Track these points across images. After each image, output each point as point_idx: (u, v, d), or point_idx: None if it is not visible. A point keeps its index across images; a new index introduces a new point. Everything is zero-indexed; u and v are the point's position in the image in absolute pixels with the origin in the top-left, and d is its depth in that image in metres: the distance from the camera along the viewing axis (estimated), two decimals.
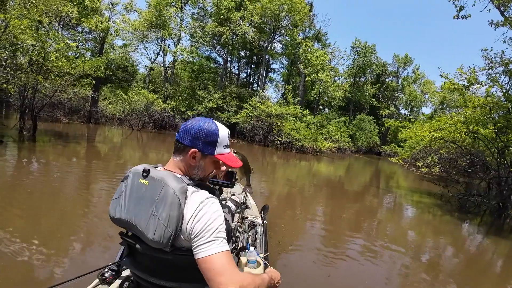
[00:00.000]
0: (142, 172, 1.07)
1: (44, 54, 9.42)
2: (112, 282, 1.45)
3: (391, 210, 8.07)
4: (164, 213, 0.98)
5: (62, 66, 9.70)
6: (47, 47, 9.35)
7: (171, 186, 1.00)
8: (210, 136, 1.12)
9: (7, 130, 10.86)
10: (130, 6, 22.71)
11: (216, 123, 1.16)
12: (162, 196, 1.00)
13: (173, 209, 0.98)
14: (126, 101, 20.01)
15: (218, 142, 1.14)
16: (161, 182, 1.02)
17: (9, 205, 4.17)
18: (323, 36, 32.38)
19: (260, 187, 7.83)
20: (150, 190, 1.04)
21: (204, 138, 1.11)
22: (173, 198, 0.99)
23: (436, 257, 4.56)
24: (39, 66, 9.93)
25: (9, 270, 2.61)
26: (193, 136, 1.11)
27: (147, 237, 1.00)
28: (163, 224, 0.97)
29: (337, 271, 3.56)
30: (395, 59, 38.19)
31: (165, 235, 0.97)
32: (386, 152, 33.74)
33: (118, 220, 1.10)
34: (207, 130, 1.12)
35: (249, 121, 23.01)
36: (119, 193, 1.12)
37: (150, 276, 1.14)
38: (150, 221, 1.00)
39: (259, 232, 2.68)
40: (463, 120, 8.60)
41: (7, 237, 3.13)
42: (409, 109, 41.52)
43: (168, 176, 1.04)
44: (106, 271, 1.47)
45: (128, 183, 1.11)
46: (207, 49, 28.97)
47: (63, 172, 6.49)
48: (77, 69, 10.54)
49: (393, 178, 16.45)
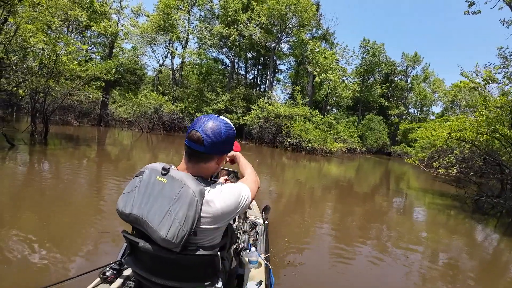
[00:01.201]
0: (161, 170, 1.08)
1: (55, 57, 9.45)
2: (114, 281, 1.44)
3: (406, 211, 7.86)
4: (181, 212, 0.99)
5: (73, 69, 9.72)
6: (58, 50, 9.38)
7: (190, 187, 1.02)
8: (232, 138, 1.20)
9: (18, 133, 10.93)
10: (138, 10, 22.87)
11: (228, 122, 1.20)
12: (181, 195, 1.01)
13: (191, 209, 0.99)
14: (136, 104, 20.09)
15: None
16: (181, 182, 1.03)
17: (22, 206, 4.16)
18: (331, 35, 32.13)
19: (269, 190, 7.71)
20: (168, 188, 1.04)
21: (231, 141, 1.20)
22: (192, 198, 1.00)
23: (453, 259, 4.42)
24: (50, 69, 9.98)
25: (15, 267, 2.62)
26: (222, 145, 1.16)
27: (159, 234, 0.99)
28: (179, 223, 0.98)
29: (351, 273, 3.47)
30: (404, 57, 37.69)
31: (179, 234, 0.98)
32: (396, 152, 33.22)
33: (127, 215, 1.07)
34: (232, 133, 1.20)
35: (257, 122, 22.90)
36: (132, 188, 1.10)
37: (152, 275, 1.14)
38: (165, 219, 0.99)
39: (260, 232, 2.66)
40: (485, 120, 8.32)
41: (16, 237, 3.15)
42: (419, 109, 40.93)
43: (187, 177, 1.05)
44: (107, 270, 1.46)
45: (144, 179, 1.10)
46: (214, 51, 29.05)
47: (75, 175, 6.48)
48: (89, 72, 10.55)
49: (404, 178, 16.14)
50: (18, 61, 10.44)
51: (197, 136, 1.10)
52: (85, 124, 20.08)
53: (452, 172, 11.09)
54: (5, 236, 3.15)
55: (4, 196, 4.62)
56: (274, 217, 4.95)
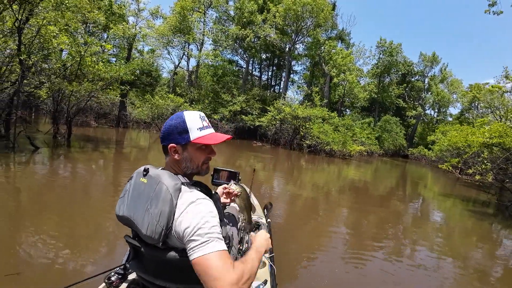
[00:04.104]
0: (142, 172, 1.13)
1: (79, 59, 9.37)
2: (119, 286, 1.44)
3: (435, 217, 7.66)
4: (156, 209, 1.01)
5: (98, 70, 9.62)
6: (82, 51, 9.29)
7: (164, 182, 1.04)
8: (179, 127, 1.15)
9: (41, 135, 10.90)
10: (156, 12, 22.88)
11: (183, 112, 1.18)
12: (156, 192, 1.03)
13: (165, 205, 1.00)
14: (154, 106, 20.10)
15: (189, 128, 1.15)
16: (157, 179, 1.07)
17: (45, 210, 4.18)
18: (347, 35, 31.62)
19: (288, 192, 7.61)
20: (147, 187, 1.08)
21: (175, 131, 1.15)
22: (165, 194, 1.02)
23: (484, 267, 4.27)
24: (74, 71, 9.92)
25: (27, 268, 2.67)
26: (167, 134, 1.16)
27: (142, 232, 1.03)
28: (155, 219, 1.00)
29: (364, 278, 3.42)
30: (422, 57, 36.76)
31: (157, 230, 0.99)
32: (413, 155, 32.37)
33: (121, 217, 1.15)
34: (174, 123, 1.16)
35: (273, 124, 22.59)
36: (124, 192, 1.17)
37: (156, 278, 1.14)
38: (145, 216, 1.03)
39: None
40: None
41: (34, 236, 3.26)
42: (436, 110, 39.93)
43: (163, 174, 1.09)
44: (112, 274, 1.46)
45: (132, 183, 1.16)
46: (229, 53, 28.93)
47: (98, 178, 6.51)
48: (112, 73, 10.46)
49: (427, 182, 15.65)
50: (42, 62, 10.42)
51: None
52: (103, 125, 20.16)
53: (488, 179, 10.60)
54: (25, 236, 3.26)
55: (29, 198, 4.62)
56: (288, 219, 5.09)
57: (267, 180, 8.91)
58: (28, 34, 8.73)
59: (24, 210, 4.13)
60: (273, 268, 1.96)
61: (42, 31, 8.50)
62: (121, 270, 1.48)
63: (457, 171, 12.21)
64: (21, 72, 8.37)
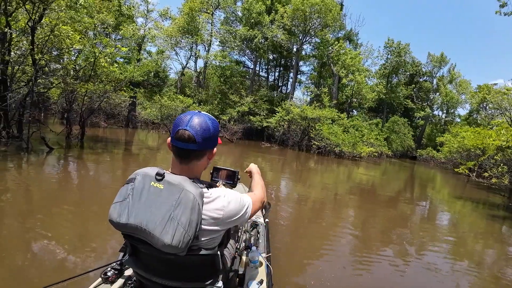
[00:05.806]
0: (155, 176, 1.05)
1: (94, 60, 9.32)
2: (115, 281, 1.44)
3: (446, 218, 7.50)
4: (184, 218, 0.97)
5: (113, 71, 9.58)
6: (97, 51, 9.24)
7: (190, 190, 1.01)
8: (218, 131, 1.16)
9: (53, 135, 10.88)
10: (165, 13, 22.88)
11: (210, 116, 1.17)
12: (181, 200, 0.99)
13: (193, 214, 0.98)
14: (163, 106, 20.11)
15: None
16: (179, 186, 1.02)
17: (55, 212, 4.10)
18: (355, 36, 31.38)
19: (295, 193, 7.52)
20: (167, 193, 1.01)
21: (217, 135, 1.16)
22: (193, 203, 0.99)
23: (499, 271, 4.14)
24: (88, 71, 9.88)
25: (29, 264, 2.71)
26: (214, 137, 1.14)
27: (162, 241, 0.96)
28: (183, 228, 0.97)
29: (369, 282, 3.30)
30: (430, 58, 36.39)
31: (185, 239, 0.97)
32: (422, 156, 31.98)
33: (124, 225, 1.03)
34: (216, 127, 1.16)
35: (282, 125, 22.45)
36: (124, 196, 1.06)
37: (153, 275, 1.13)
38: (168, 225, 0.97)
39: (261, 231, 2.66)
40: None
41: (40, 233, 3.29)
42: (445, 111, 39.47)
43: (185, 181, 1.04)
44: (108, 270, 1.45)
45: (137, 186, 1.06)
46: (236, 53, 28.85)
47: (112, 178, 6.42)
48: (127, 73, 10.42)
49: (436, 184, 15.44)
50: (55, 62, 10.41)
51: (187, 135, 1.07)
52: (112, 125, 20.20)
53: (504, 182, 10.40)
54: (32, 233, 3.30)
55: (44, 199, 4.57)
56: (295, 220, 5.04)
57: (273, 180, 8.77)
58: (41, 34, 8.71)
59: (38, 210, 4.10)
60: (269, 268, 1.96)
61: (56, 32, 8.46)
62: (117, 266, 1.49)
63: (473, 174, 11.98)
64: (35, 72, 8.34)
